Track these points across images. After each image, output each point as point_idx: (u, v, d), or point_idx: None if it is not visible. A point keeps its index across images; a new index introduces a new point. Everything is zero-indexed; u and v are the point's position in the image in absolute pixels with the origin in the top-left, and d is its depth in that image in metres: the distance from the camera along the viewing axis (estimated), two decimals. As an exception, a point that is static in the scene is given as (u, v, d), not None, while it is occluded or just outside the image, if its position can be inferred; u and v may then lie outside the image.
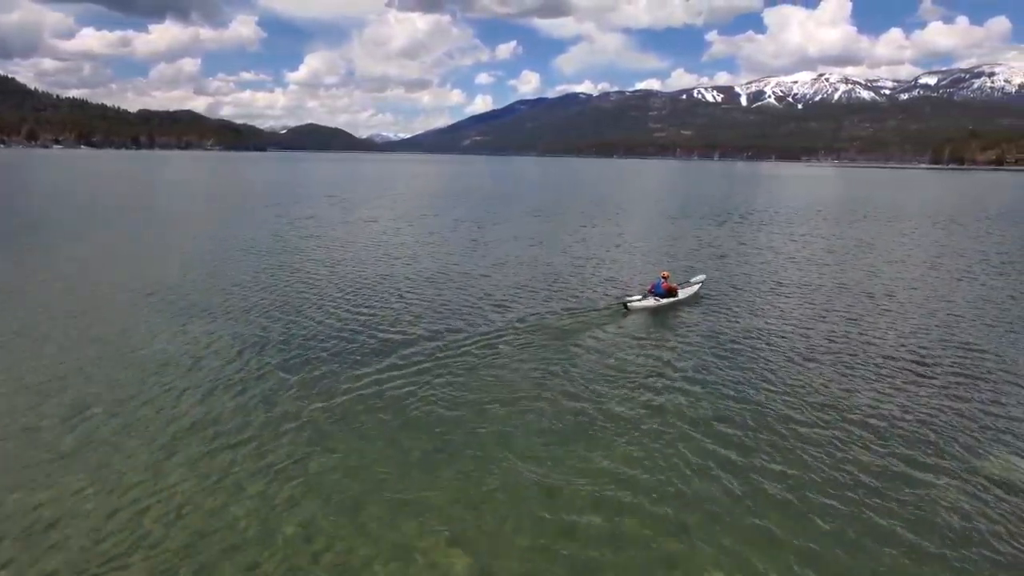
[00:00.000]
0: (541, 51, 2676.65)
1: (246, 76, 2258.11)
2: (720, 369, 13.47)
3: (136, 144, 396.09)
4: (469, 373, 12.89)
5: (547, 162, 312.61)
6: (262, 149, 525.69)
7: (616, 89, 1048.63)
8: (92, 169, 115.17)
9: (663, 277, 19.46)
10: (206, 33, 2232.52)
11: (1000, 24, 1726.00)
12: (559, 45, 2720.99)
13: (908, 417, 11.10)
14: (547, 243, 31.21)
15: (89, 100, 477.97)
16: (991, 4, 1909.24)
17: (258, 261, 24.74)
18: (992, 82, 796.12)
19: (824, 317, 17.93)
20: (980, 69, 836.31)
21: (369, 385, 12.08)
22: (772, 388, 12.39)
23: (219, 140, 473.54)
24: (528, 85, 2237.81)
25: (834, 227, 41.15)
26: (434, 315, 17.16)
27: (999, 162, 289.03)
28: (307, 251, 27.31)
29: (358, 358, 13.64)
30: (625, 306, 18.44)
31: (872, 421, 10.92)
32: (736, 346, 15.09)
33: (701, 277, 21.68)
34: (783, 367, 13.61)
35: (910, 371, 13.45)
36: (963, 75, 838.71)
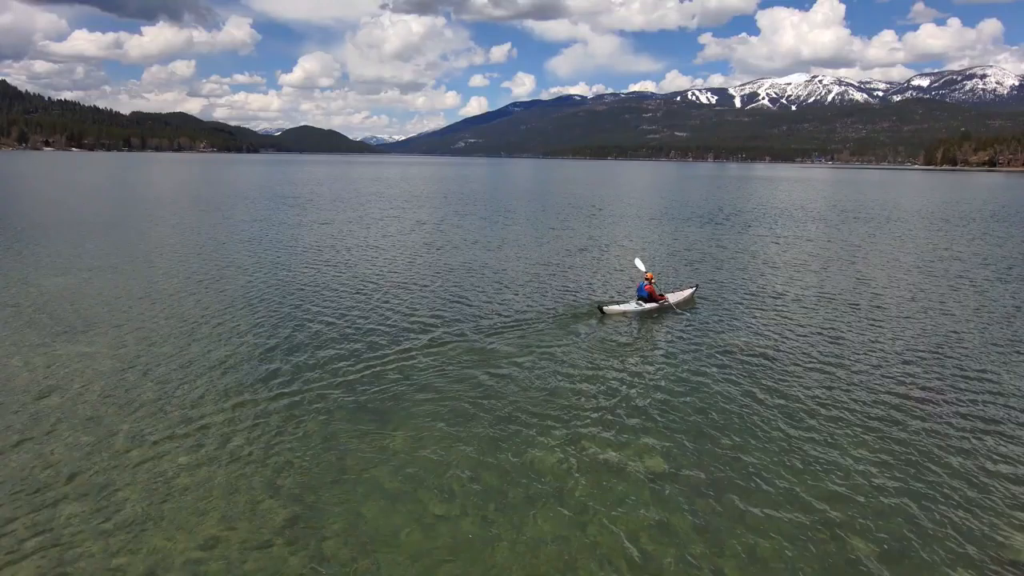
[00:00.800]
0: (535, 53, 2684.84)
1: (240, 78, 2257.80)
2: (682, 389, 12.09)
3: (128, 146, 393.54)
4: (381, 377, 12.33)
5: (543, 164, 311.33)
6: (255, 151, 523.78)
7: (610, 91, 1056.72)
8: (51, 171, 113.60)
9: (647, 279, 18.12)
10: (200, 35, 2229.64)
11: (992, 26, 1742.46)
12: (553, 47, 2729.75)
13: (898, 430, 10.09)
14: (531, 244, 30.12)
15: (82, 102, 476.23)
16: (983, 6, 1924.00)
17: (152, 272, 23.57)
18: (984, 84, 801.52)
19: (818, 330, 16.45)
20: (972, 71, 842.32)
21: (318, 385, 11.42)
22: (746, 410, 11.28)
23: (212, 142, 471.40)
24: (522, 87, 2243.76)
25: (838, 230, 40.16)
26: (384, 316, 16.11)
27: (991, 163, 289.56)
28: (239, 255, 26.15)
29: (324, 353, 13.41)
30: (600, 310, 17.24)
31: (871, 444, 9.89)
32: (714, 360, 13.80)
33: (691, 289, 19.82)
34: (771, 384, 12.47)
35: (901, 380, 12.40)
36: (955, 77, 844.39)
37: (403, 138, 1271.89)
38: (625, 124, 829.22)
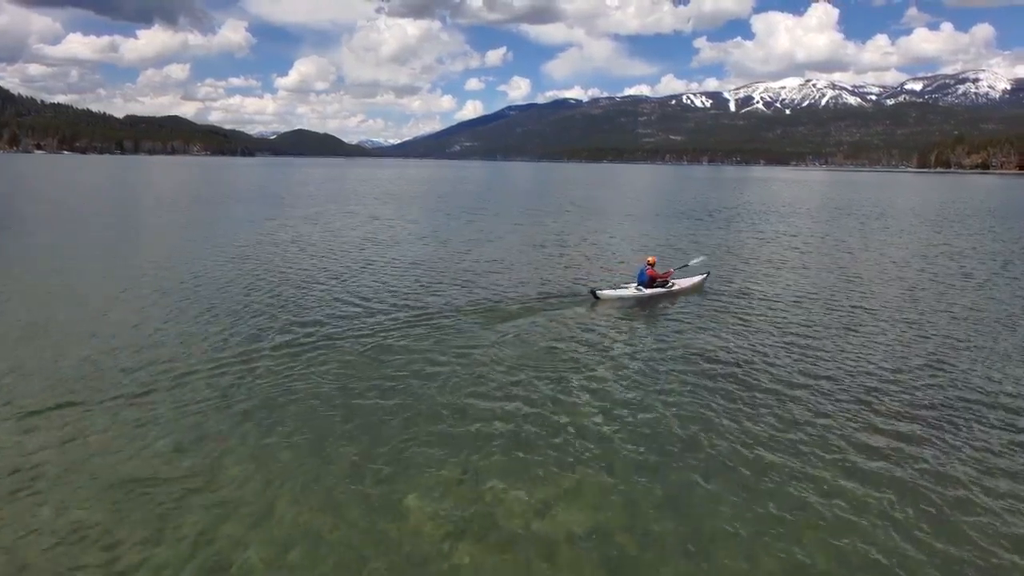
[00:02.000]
0: (531, 57, 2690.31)
1: (235, 82, 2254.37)
2: (669, 386, 10.99)
3: (121, 149, 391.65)
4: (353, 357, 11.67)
5: (539, 167, 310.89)
6: (250, 154, 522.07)
7: (606, 95, 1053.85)
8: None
9: (648, 264, 17.11)
10: (195, 39, 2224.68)
11: (984, 31, 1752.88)
12: (549, 51, 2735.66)
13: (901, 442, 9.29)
14: (531, 234, 29.38)
15: (76, 106, 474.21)
16: (975, 11, 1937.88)
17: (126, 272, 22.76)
18: (976, 88, 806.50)
19: (826, 328, 15.48)
20: (965, 75, 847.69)
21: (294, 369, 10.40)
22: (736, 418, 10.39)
23: (206, 145, 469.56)
24: (518, 91, 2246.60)
25: (841, 228, 39.51)
26: (375, 295, 15.31)
27: (985, 166, 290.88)
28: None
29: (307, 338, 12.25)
30: (594, 294, 16.25)
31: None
32: (705, 356, 12.70)
33: (703, 270, 18.69)
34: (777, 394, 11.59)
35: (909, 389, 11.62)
36: (948, 81, 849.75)
37: (399, 141, 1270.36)
38: (621, 127, 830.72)
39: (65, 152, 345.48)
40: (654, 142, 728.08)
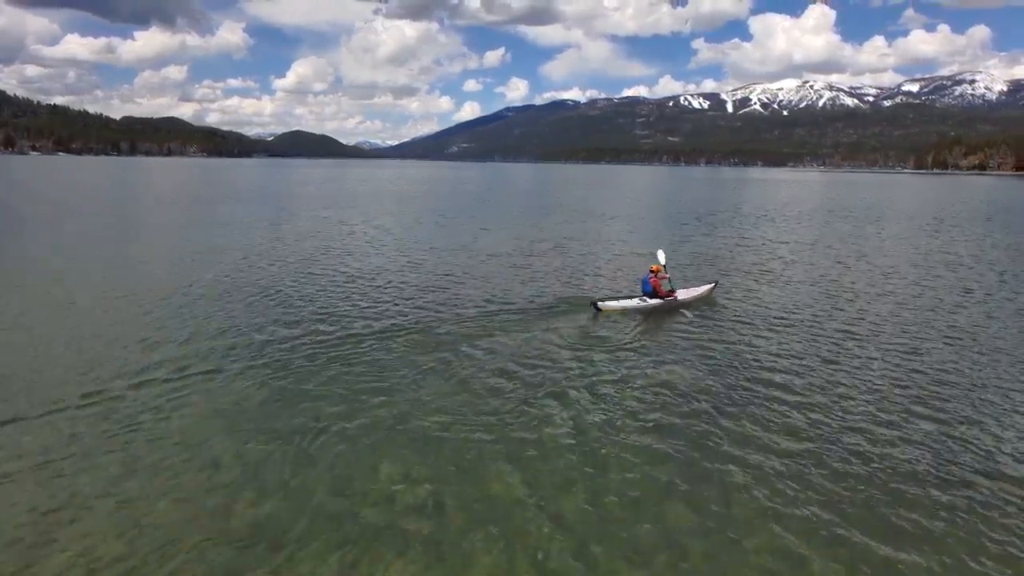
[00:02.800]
0: (529, 58, 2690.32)
1: (233, 83, 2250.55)
2: (677, 407, 10.66)
3: (117, 151, 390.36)
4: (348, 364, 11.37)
5: (538, 168, 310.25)
6: (247, 156, 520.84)
7: (604, 96, 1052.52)
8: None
9: (652, 272, 16.11)
10: (192, 40, 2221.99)
11: (980, 32, 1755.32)
12: (547, 52, 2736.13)
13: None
14: (531, 237, 28.82)
15: (72, 107, 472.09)
16: (972, 13, 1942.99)
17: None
18: (973, 89, 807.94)
19: (844, 341, 15.01)
20: (961, 76, 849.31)
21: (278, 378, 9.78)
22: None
23: (203, 147, 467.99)
24: (516, 92, 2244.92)
25: (849, 235, 39.06)
26: (357, 304, 14.76)
27: (982, 167, 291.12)
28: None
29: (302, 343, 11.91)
30: (595, 306, 15.36)
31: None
32: (712, 370, 12.19)
33: (706, 288, 17.82)
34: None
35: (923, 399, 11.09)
36: (945, 82, 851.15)
37: (397, 143, 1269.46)
38: (619, 128, 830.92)
39: (61, 153, 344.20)
40: (652, 143, 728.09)
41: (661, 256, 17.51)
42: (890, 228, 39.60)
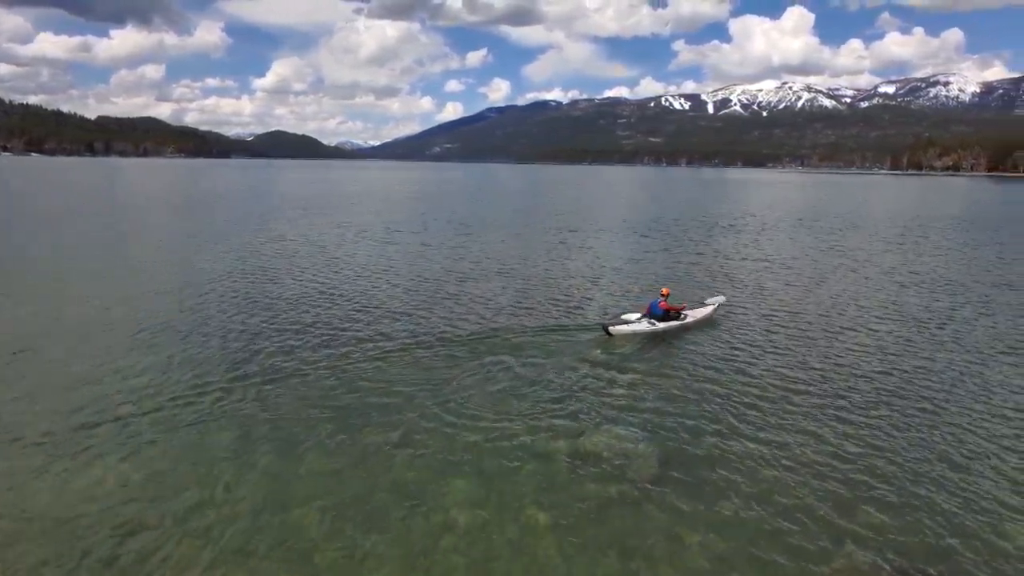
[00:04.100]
0: (511, 59, 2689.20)
1: (212, 82, 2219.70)
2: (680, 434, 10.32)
3: (91, 151, 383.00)
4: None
5: (521, 169, 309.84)
6: (226, 156, 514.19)
7: (585, 97, 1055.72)
8: None
9: (663, 296, 16.08)
10: (170, 39, 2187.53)
11: (954, 35, 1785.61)
12: (529, 53, 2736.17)
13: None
14: (525, 253, 28.39)
15: (46, 106, 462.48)
16: (946, 16, 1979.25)
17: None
18: (947, 91, 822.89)
19: (858, 358, 14.77)
20: (936, 78, 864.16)
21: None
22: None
23: (181, 147, 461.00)
24: (498, 93, 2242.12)
25: (844, 240, 39.13)
26: (359, 318, 14.24)
27: (956, 168, 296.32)
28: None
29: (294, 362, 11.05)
30: (606, 330, 14.99)
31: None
32: (725, 396, 11.93)
33: (718, 299, 17.77)
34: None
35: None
36: (920, 84, 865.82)
37: (379, 143, 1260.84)
38: (600, 129, 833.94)
39: (33, 154, 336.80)
40: (634, 144, 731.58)
41: (714, 300, 17.68)
42: (891, 234, 39.84)
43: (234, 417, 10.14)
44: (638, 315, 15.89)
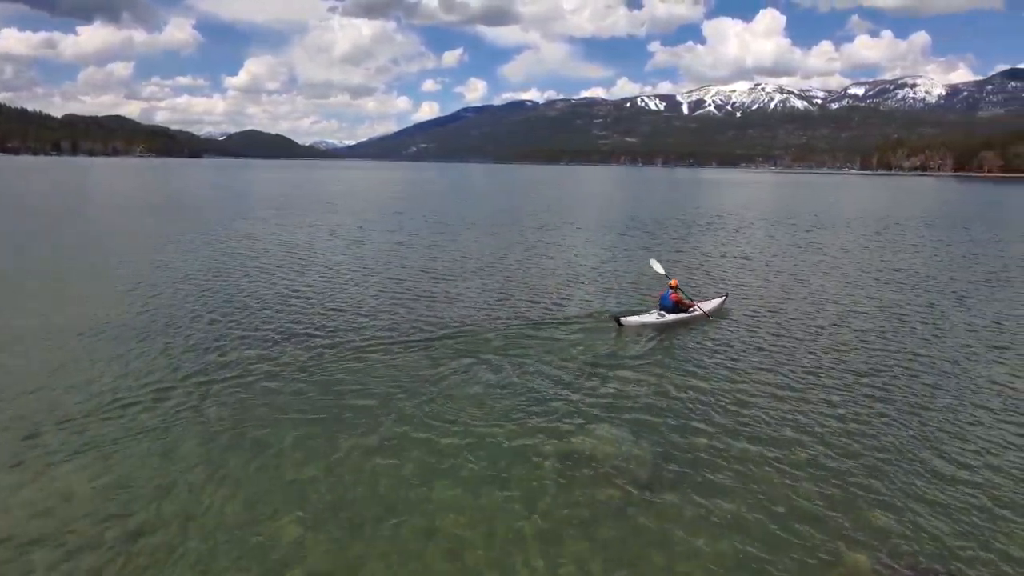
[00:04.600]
0: (487, 59, 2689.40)
1: (183, 81, 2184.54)
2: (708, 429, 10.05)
3: (57, 150, 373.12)
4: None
5: (498, 169, 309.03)
6: (198, 156, 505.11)
7: (562, 97, 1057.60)
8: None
9: (671, 287, 15.92)
10: (139, 36, 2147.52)
11: (921, 38, 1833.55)
12: (505, 53, 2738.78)
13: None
14: (535, 246, 27.90)
15: (10, 104, 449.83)
16: (913, 20, 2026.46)
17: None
18: (915, 93, 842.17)
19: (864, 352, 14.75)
20: (904, 80, 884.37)
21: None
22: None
23: (151, 146, 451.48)
24: (475, 92, 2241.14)
25: (832, 238, 39.32)
26: (374, 312, 13.68)
27: (923, 168, 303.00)
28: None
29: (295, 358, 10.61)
30: (617, 321, 14.99)
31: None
32: (737, 387, 11.68)
33: (719, 301, 17.45)
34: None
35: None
36: (888, 86, 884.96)
37: (354, 143, 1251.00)
38: (577, 129, 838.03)
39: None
40: (610, 144, 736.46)
41: (656, 265, 17.41)
42: (868, 232, 40.17)
43: (198, 422, 9.54)
44: (654, 309, 15.86)
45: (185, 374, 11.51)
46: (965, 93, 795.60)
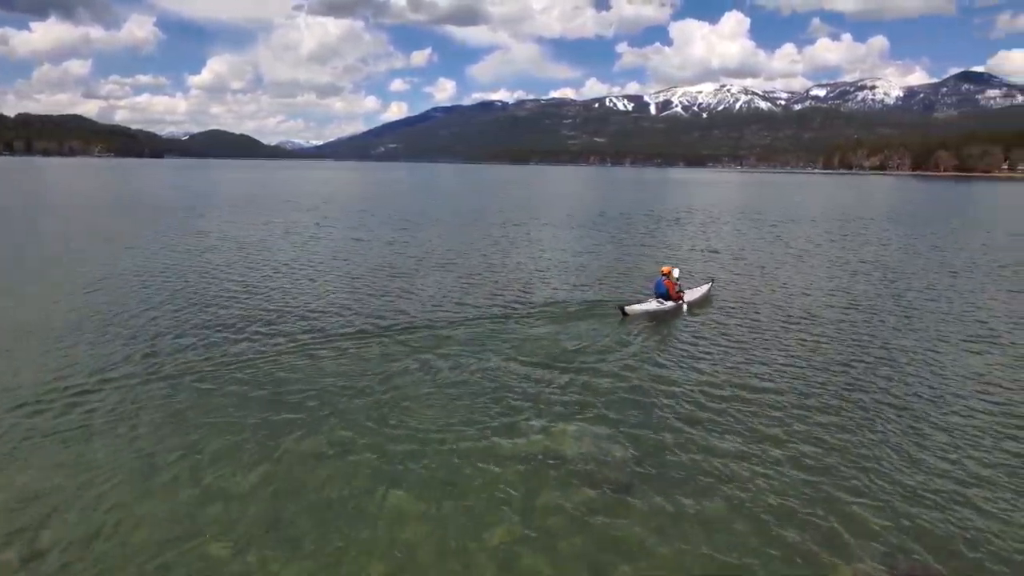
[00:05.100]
0: (456, 59, 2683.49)
1: (143, 79, 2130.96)
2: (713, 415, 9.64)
3: (10, 150, 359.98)
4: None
5: (468, 169, 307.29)
6: (159, 156, 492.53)
7: (532, 97, 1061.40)
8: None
9: (663, 274, 16.19)
10: (96, 33, 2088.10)
11: (880, 42, 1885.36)
12: (474, 53, 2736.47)
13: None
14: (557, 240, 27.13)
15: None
16: (872, 24, 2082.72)
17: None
18: (874, 94, 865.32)
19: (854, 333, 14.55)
20: (863, 82, 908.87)
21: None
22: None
23: (110, 146, 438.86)
24: (444, 92, 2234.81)
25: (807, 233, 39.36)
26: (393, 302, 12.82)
27: (883, 167, 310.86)
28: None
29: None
30: (622, 310, 15.28)
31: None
32: (733, 370, 11.38)
33: (705, 288, 18.02)
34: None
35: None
36: (848, 88, 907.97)
37: (321, 143, 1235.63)
38: (546, 129, 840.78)
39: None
40: (579, 144, 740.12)
41: (676, 272, 17.61)
42: (832, 228, 40.42)
43: (117, 429, 8.62)
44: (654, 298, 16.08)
45: (109, 376, 10.57)
46: (921, 95, 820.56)
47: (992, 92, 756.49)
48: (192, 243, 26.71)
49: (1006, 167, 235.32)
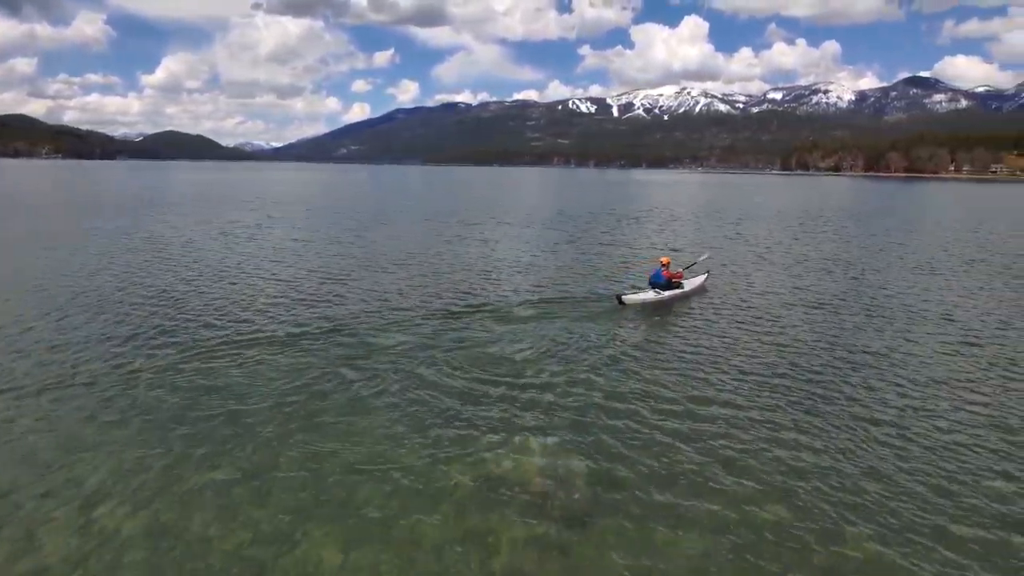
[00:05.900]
0: (419, 60, 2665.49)
1: (93, 78, 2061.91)
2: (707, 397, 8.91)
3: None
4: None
5: (437, 171, 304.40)
6: (111, 158, 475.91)
7: (495, 99, 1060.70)
8: None
9: (663, 265, 16.38)
10: (43, 30, 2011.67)
11: (832, 47, 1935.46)
12: (437, 55, 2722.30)
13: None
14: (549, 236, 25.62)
15: None
16: (824, 29, 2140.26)
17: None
18: (827, 98, 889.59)
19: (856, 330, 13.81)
20: (817, 86, 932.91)
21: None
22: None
23: (58, 147, 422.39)
24: (407, 94, 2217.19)
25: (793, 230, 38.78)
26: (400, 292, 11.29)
27: (837, 168, 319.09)
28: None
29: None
30: (619, 300, 15.49)
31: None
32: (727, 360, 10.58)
33: (702, 272, 18.64)
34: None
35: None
36: (804, 91, 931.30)
37: (281, 144, 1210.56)
38: (510, 131, 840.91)
39: None
40: (542, 146, 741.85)
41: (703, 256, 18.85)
42: (793, 225, 40.16)
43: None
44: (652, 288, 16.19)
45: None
46: (872, 99, 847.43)
47: (938, 96, 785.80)
48: (113, 243, 24.72)
49: (952, 168, 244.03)
